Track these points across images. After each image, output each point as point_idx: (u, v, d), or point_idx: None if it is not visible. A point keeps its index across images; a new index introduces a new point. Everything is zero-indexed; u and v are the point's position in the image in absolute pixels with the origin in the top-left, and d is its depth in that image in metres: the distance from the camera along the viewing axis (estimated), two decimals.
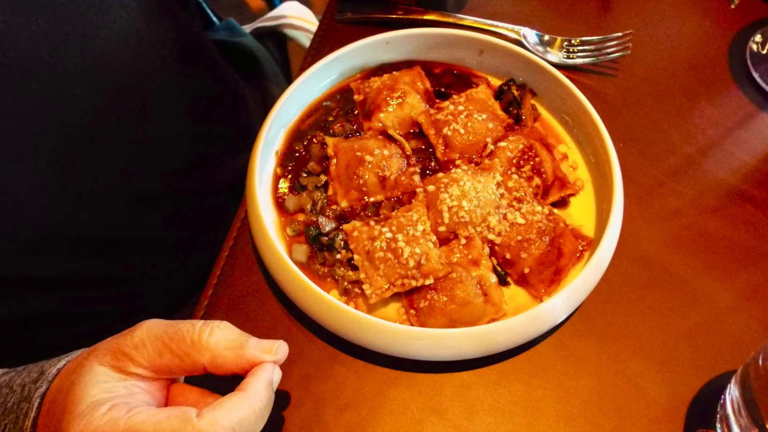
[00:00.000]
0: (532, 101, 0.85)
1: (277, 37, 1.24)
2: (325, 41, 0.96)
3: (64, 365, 0.53)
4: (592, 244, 0.73)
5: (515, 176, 0.75)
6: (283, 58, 1.26)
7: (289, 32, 1.21)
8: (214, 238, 0.80)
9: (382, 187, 0.76)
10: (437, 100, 0.84)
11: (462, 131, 0.78)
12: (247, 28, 1.21)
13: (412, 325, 0.67)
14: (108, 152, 0.72)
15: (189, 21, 0.86)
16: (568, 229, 0.73)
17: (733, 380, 0.60)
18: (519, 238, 0.71)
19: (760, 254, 0.75)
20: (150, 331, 0.51)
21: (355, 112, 0.85)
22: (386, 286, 0.68)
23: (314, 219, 0.75)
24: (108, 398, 0.48)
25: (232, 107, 0.99)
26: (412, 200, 0.75)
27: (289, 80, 1.10)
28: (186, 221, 0.88)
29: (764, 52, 0.94)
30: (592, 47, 0.93)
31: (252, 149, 0.75)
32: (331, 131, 0.83)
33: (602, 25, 0.98)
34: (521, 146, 0.77)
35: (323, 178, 0.78)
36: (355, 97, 0.86)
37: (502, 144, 0.78)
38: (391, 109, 0.81)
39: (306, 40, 1.19)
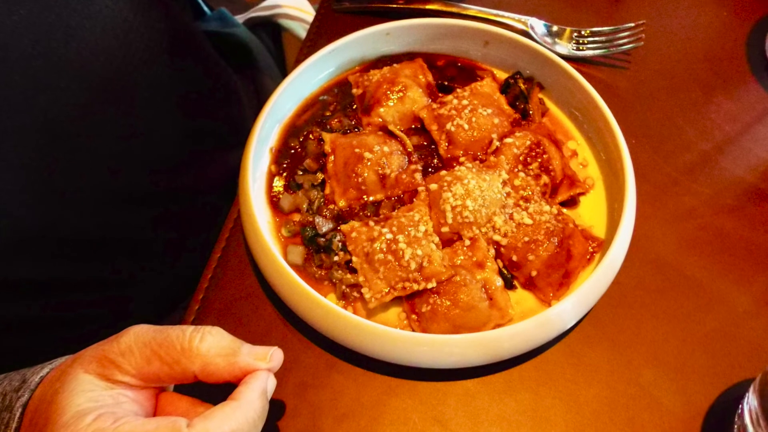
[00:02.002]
0: (540, 95, 0.85)
1: (271, 28, 1.24)
2: (322, 32, 0.96)
3: (48, 373, 0.53)
4: (603, 245, 0.73)
5: (522, 174, 0.75)
6: (278, 49, 1.26)
7: (284, 22, 1.21)
8: (206, 240, 0.80)
9: (381, 186, 0.76)
10: (440, 94, 0.84)
11: (466, 127, 0.78)
12: (240, 19, 1.21)
13: (413, 330, 0.68)
14: (94, 149, 0.72)
15: (179, 11, 0.86)
16: (577, 230, 0.73)
17: (751, 389, 0.60)
18: (526, 239, 0.71)
19: None
20: (138, 337, 0.51)
21: (354, 106, 0.85)
22: (386, 290, 0.68)
23: (311, 219, 0.75)
24: (93, 408, 0.47)
25: (225, 101, 0.99)
26: (414, 199, 0.75)
27: (284, 73, 1.10)
28: (176, 221, 0.88)
29: None
30: (603, 38, 0.93)
31: (245, 146, 0.75)
32: (328, 127, 0.83)
33: (613, 15, 0.98)
34: (528, 143, 0.77)
35: (320, 176, 0.78)
36: (354, 90, 0.86)
37: (508, 140, 0.78)
38: (392, 104, 0.81)
39: (302, 31, 1.19)
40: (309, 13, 1.20)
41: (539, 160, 0.76)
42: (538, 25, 0.94)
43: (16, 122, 0.63)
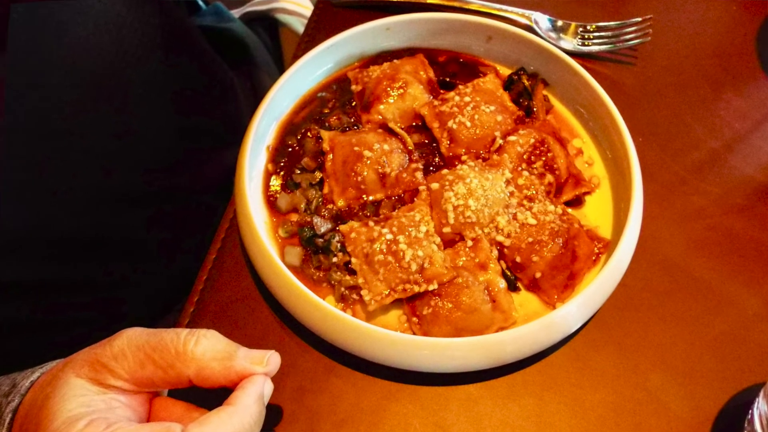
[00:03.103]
0: (545, 92, 0.85)
1: (268, 23, 1.24)
2: (321, 27, 0.96)
3: (38, 377, 0.53)
4: (609, 246, 0.73)
5: (526, 173, 0.75)
6: (275, 45, 1.26)
7: (282, 17, 1.21)
8: (201, 240, 0.80)
9: (381, 185, 0.76)
10: (441, 91, 0.84)
11: (468, 124, 0.78)
12: (236, 13, 1.21)
13: (414, 334, 0.67)
14: (87, 147, 0.72)
15: (173, 6, 0.86)
16: (583, 231, 0.73)
17: (761, 393, 0.60)
18: (530, 239, 0.71)
19: None
20: (131, 340, 0.51)
21: (353, 103, 0.85)
22: (386, 292, 0.68)
23: (308, 219, 0.75)
24: (85, 413, 0.48)
25: (220, 98, 0.99)
26: (415, 199, 0.75)
27: (282, 69, 1.10)
28: (170, 222, 0.88)
29: None
30: (608, 33, 0.93)
31: (241, 144, 0.75)
32: (326, 124, 0.83)
33: (620, 10, 0.98)
34: (532, 140, 0.77)
35: (318, 174, 0.78)
36: (353, 87, 0.86)
37: (511, 138, 0.78)
38: (392, 101, 0.81)
39: (300, 26, 1.19)
40: (307, 8, 1.20)
41: (543, 158, 0.76)
42: (542, 20, 0.94)
43: (7, 120, 0.63)
